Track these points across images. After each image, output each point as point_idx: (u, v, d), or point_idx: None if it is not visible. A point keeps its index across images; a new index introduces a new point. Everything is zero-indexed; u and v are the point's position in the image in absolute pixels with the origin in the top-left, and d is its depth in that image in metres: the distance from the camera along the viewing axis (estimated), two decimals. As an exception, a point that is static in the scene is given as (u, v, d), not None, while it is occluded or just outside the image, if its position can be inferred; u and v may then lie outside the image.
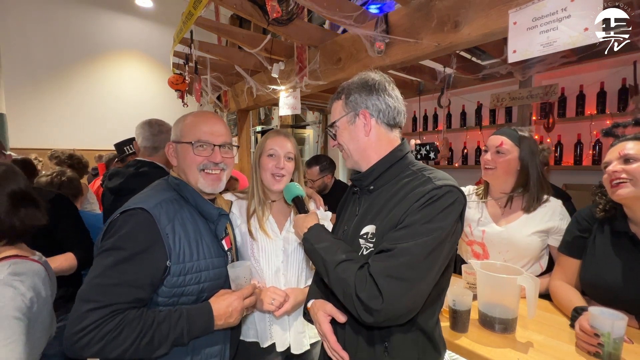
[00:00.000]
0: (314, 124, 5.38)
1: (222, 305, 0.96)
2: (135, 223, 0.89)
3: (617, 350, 0.91)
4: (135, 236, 0.88)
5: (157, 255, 0.90)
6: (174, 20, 2.98)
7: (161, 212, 0.93)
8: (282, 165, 1.25)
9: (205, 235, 1.02)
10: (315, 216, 1.01)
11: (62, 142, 4.83)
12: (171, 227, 0.93)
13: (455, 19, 1.50)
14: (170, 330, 0.87)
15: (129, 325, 0.82)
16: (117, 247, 0.86)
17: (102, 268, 0.84)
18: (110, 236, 0.89)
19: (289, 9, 1.84)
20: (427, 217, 0.77)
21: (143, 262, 0.87)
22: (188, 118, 1.07)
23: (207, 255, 1.00)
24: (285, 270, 1.28)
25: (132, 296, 0.85)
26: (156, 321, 0.86)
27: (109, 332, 0.80)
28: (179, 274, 0.93)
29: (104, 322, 0.80)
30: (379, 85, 0.92)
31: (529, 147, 1.41)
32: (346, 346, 0.89)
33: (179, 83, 2.94)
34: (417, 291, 0.75)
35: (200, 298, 0.98)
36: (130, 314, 0.84)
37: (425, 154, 1.45)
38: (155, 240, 0.90)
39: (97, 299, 0.81)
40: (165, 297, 0.92)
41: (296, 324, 1.28)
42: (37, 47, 4.70)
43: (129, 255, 0.86)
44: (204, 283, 0.98)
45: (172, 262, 0.91)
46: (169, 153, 1.08)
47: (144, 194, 1.01)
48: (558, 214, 1.39)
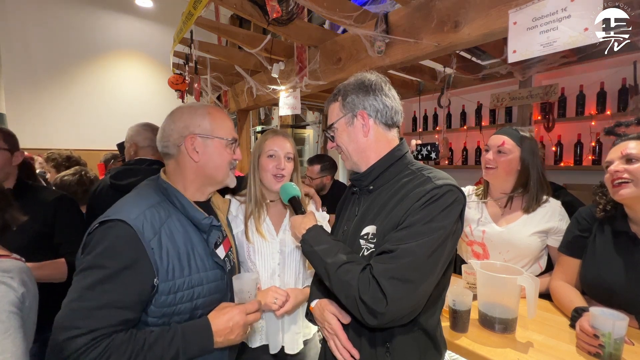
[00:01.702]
0: (314, 124, 5.38)
1: (222, 320, 0.87)
2: (115, 237, 0.79)
3: (617, 350, 0.91)
4: (115, 252, 0.78)
5: (143, 271, 0.80)
6: (173, 20, 2.98)
7: (145, 223, 0.83)
8: (284, 166, 1.25)
9: (197, 246, 0.92)
10: (313, 217, 1.00)
11: (62, 142, 4.83)
12: (157, 240, 0.83)
13: (455, 19, 1.50)
14: (164, 352, 0.78)
15: (117, 352, 0.73)
16: (97, 266, 0.76)
17: (80, 290, 0.75)
18: (88, 252, 0.79)
19: (289, 9, 1.84)
20: (428, 217, 0.76)
21: (127, 281, 0.77)
22: (213, 113, 0.99)
23: (200, 268, 0.90)
24: (281, 272, 1.27)
25: (117, 318, 0.76)
26: (147, 343, 0.77)
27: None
28: (169, 292, 0.83)
29: (86, 351, 0.70)
30: (376, 86, 0.91)
31: (530, 148, 1.41)
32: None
33: (179, 83, 2.94)
34: (420, 291, 0.75)
35: (194, 316, 0.89)
36: (117, 338, 0.75)
37: (427, 154, 1.45)
38: (139, 256, 0.80)
39: (76, 325, 0.71)
40: (155, 317, 0.83)
41: (293, 325, 1.28)
42: (37, 47, 4.70)
43: (110, 273, 0.76)
44: (197, 300, 0.89)
45: (160, 280, 0.82)
46: (189, 147, 0.94)
47: (127, 199, 0.91)
48: (557, 215, 1.39)
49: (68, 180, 1.88)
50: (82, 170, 1.97)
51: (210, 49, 2.59)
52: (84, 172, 1.96)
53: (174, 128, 0.96)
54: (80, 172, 1.95)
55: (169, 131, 0.96)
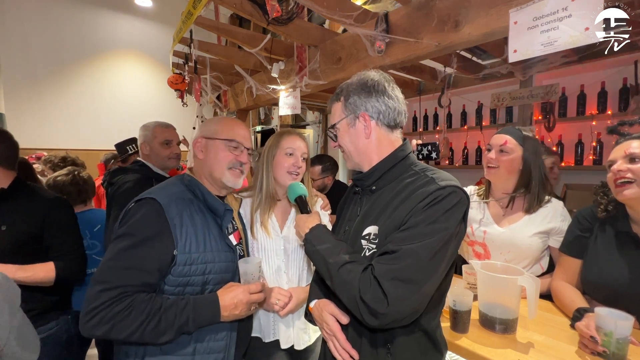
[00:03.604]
0: (314, 123, 5.38)
1: (228, 297, 0.99)
2: (145, 211, 0.95)
3: (620, 350, 0.90)
4: (144, 223, 0.93)
5: (165, 243, 0.94)
6: (173, 19, 2.98)
7: (171, 203, 0.98)
8: (300, 165, 1.29)
9: (212, 229, 1.06)
10: (318, 217, 1.00)
11: (62, 142, 4.83)
12: (179, 218, 0.98)
13: (455, 18, 1.49)
14: (176, 316, 0.90)
15: (137, 308, 0.86)
16: (128, 234, 0.92)
17: (114, 252, 0.90)
18: (124, 223, 0.95)
19: (288, 9, 1.84)
20: (432, 218, 0.76)
21: (151, 248, 0.91)
22: (223, 119, 1.18)
23: (213, 248, 1.03)
24: (286, 268, 1.29)
25: (139, 280, 0.89)
26: (163, 306, 0.89)
27: (118, 313, 0.84)
28: (185, 263, 0.96)
29: (113, 303, 0.84)
30: (378, 86, 0.90)
31: (532, 147, 1.41)
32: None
33: (179, 83, 2.94)
34: (422, 293, 0.74)
35: (204, 289, 1.01)
36: (139, 297, 0.88)
37: (427, 154, 1.44)
38: (163, 229, 0.94)
39: (108, 280, 0.86)
40: (172, 286, 0.96)
41: (298, 322, 1.29)
42: (36, 47, 4.69)
43: (138, 241, 0.91)
44: (208, 275, 1.01)
45: (178, 252, 0.95)
46: (197, 147, 1.12)
47: (159, 187, 1.07)
48: (559, 215, 1.38)
49: (61, 181, 1.87)
50: (75, 170, 1.96)
51: (210, 48, 2.59)
52: (77, 172, 1.95)
53: (194, 136, 1.15)
54: (73, 172, 1.93)
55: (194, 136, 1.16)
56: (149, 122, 1.90)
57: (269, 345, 1.26)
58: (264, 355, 1.26)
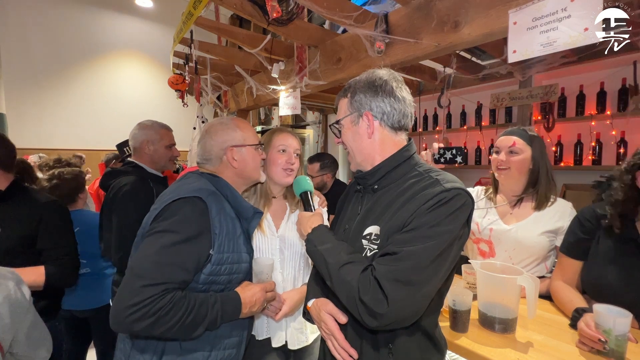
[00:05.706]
0: (314, 124, 5.38)
1: (248, 295, 1.02)
2: (191, 209, 0.95)
3: (619, 347, 0.91)
4: (189, 222, 0.93)
5: (205, 242, 0.95)
6: (174, 20, 2.98)
7: (212, 203, 0.99)
8: (293, 161, 1.29)
9: (238, 231, 1.08)
10: (320, 217, 1.00)
11: (62, 142, 4.84)
12: (218, 218, 0.99)
13: (455, 18, 1.50)
14: (208, 312, 0.92)
15: (177, 305, 0.86)
16: (172, 230, 0.91)
17: (158, 247, 0.89)
18: (165, 219, 0.94)
19: (289, 9, 1.84)
20: (435, 220, 0.75)
21: (193, 247, 0.92)
22: (240, 125, 1.17)
23: (241, 250, 1.06)
24: (282, 268, 1.29)
25: (180, 277, 0.90)
26: (197, 303, 0.91)
27: (160, 308, 0.84)
28: (217, 263, 0.98)
29: (157, 299, 0.84)
30: (386, 86, 0.89)
31: (540, 146, 1.42)
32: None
33: (179, 83, 2.95)
34: (422, 295, 0.74)
35: (227, 289, 1.04)
36: (178, 294, 0.88)
37: (451, 157, 1.34)
38: (205, 228, 0.95)
39: (153, 276, 0.85)
40: (200, 284, 0.97)
41: (294, 322, 1.29)
42: (37, 47, 4.70)
43: (182, 238, 0.91)
44: (234, 275, 1.04)
45: (214, 251, 0.97)
46: (229, 157, 1.12)
47: (189, 184, 1.04)
48: (568, 215, 1.38)
49: (47, 188, 1.83)
50: (56, 172, 1.89)
51: (210, 49, 2.59)
52: (60, 173, 1.88)
53: (213, 144, 1.12)
54: (51, 177, 1.86)
55: (209, 147, 1.13)
56: (146, 121, 1.87)
57: (262, 343, 1.26)
58: (258, 353, 1.26)
